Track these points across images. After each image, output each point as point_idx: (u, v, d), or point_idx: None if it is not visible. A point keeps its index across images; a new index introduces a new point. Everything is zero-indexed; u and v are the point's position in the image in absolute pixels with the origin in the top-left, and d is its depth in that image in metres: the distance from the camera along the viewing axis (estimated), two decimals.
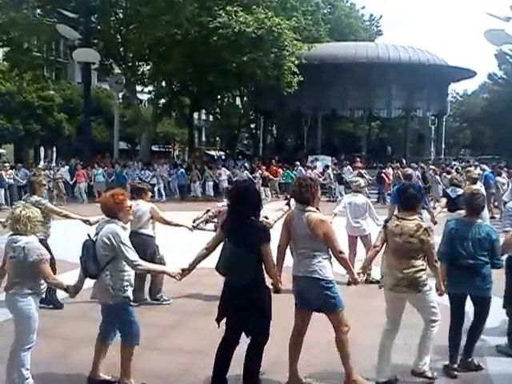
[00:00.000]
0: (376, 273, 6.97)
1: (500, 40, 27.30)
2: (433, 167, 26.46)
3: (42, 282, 5.07)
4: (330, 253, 5.21)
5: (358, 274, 5.49)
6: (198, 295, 8.46)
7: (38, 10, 28.80)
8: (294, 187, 5.40)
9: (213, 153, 48.93)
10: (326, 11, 45.35)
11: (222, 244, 5.11)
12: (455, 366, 5.60)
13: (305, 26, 33.82)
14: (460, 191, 9.96)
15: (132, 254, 5.02)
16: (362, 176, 26.30)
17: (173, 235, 9.64)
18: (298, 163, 29.17)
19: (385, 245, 5.58)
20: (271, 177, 27.69)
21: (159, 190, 25.57)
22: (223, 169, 27.69)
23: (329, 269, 5.18)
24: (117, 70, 32.60)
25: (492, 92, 56.91)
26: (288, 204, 9.53)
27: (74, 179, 25.03)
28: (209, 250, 5.22)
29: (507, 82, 52.15)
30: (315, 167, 28.79)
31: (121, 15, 29.62)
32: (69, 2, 27.70)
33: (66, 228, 9.50)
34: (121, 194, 5.25)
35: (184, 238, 9.29)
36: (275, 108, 36.74)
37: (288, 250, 5.41)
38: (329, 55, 33.41)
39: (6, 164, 24.83)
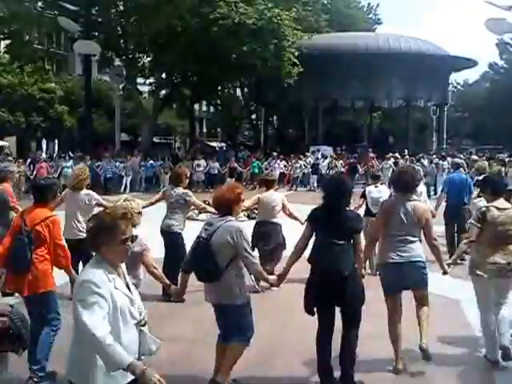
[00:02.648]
0: None
1: (501, 29, 27.24)
2: (407, 157, 27.66)
3: (140, 273, 5.08)
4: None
5: (448, 265, 5.73)
6: (190, 285, 8.40)
7: (39, 3, 28.76)
8: (397, 177, 5.68)
9: (214, 144, 48.87)
10: (325, 1, 45.22)
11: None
12: None
13: (304, 16, 33.74)
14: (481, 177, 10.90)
15: (254, 253, 4.93)
16: (336, 167, 27.12)
17: None
18: (274, 154, 29.30)
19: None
20: (238, 168, 27.75)
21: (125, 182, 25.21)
22: (202, 160, 27.55)
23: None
24: (117, 62, 32.58)
25: (493, 81, 56.77)
26: (363, 196, 9.78)
27: (35, 172, 22.71)
28: (301, 250, 5.19)
29: (508, 72, 52.06)
30: (325, 157, 29.31)
31: (121, 7, 29.61)
32: None
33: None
34: (237, 187, 5.15)
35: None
36: (276, 99, 36.74)
37: None
38: (329, 46, 33.43)
39: None
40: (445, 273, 5.64)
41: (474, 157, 16.62)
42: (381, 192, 9.47)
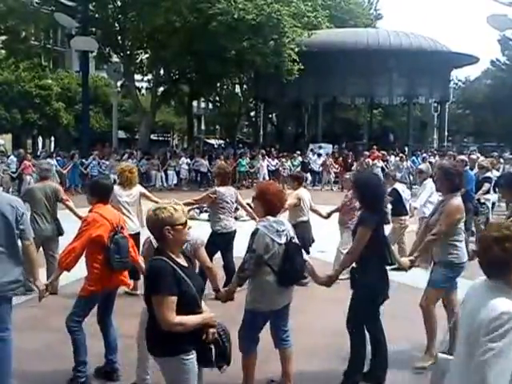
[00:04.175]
0: None
1: (503, 25, 26.86)
2: (401, 155, 27.57)
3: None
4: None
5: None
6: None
7: None
8: (456, 178, 5.54)
9: (213, 141, 48.58)
10: None
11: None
12: None
13: (304, 12, 33.33)
14: (487, 174, 11.29)
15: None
16: (330, 165, 27.10)
17: None
18: (263, 151, 28.93)
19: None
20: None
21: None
22: (183, 158, 27.33)
23: None
24: (115, 59, 32.28)
25: (495, 78, 56.25)
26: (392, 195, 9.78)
27: (18, 172, 21.61)
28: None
29: (510, 68, 51.63)
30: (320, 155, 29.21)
31: (119, 3, 29.36)
32: None
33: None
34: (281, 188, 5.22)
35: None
36: (275, 96, 36.41)
37: None
38: (329, 42, 32.96)
39: None
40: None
41: (473, 156, 16.62)
42: (407, 191, 9.70)
